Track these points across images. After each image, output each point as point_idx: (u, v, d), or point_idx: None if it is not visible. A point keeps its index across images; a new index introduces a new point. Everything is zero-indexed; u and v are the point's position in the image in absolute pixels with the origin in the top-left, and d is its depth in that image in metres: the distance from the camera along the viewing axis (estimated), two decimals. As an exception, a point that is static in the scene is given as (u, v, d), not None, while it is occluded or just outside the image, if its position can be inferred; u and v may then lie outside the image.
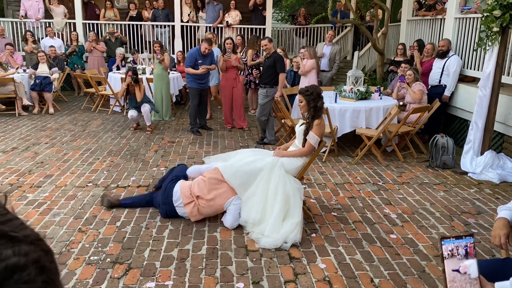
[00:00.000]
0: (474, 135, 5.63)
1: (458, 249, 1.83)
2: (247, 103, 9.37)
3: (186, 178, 4.23)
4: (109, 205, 4.21)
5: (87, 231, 3.77)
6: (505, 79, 5.83)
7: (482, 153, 5.60)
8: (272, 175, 3.86)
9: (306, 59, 8.08)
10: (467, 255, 1.84)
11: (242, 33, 11.59)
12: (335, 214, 4.27)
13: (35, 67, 8.95)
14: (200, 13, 12.08)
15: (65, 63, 10.45)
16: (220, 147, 6.67)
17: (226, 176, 3.87)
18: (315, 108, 3.92)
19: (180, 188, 3.97)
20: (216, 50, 8.29)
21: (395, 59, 8.54)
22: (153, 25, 11.85)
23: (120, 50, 10.43)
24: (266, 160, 3.95)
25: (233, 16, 11.62)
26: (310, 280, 3.10)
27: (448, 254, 1.83)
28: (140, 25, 11.88)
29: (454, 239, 1.85)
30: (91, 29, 11.53)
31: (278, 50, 8.45)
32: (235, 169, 3.90)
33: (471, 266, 1.82)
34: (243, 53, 8.74)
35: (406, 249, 3.59)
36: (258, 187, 3.84)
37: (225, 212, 3.94)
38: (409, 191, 4.97)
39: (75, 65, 10.76)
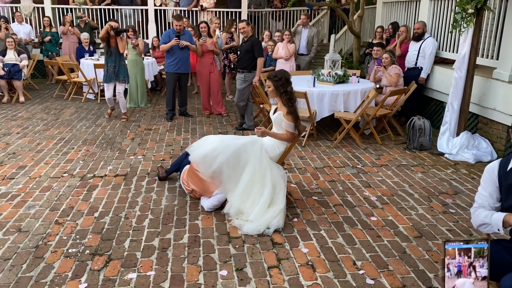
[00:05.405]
0: (450, 116, 5.71)
1: (449, 266, 1.74)
2: (225, 89, 9.26)
3: None
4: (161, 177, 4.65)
5: (64, 223, 3.67)
6: (480, 60, 5.91)
7: (458, 134, 5.70)
8: (259, 163, 3.82)
9: (289, 42, 8.03)
10: (459, 274, 1.76)
11: (217, 16, 11.41)
12: (316, 198, 4.29)
13: (3, 53, 8.59)
14: None
15: (32, 50, 10.06)
16: (199, 133, 6.58)
17: (208, 175, 3.91)
18: (286, 93, 3.85)
19: (181, 176, 4.28)
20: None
21: (373, 41, 8.54)
22: (118, 9, 11.48)
23: (85, 35, 10.07)
24: (250, 150, 3.88)
25: (208, 0, 11.41)
26: (293, 265, 3.10)
27: (448, 262, 1.74)
28: (113, 10, 11.51)
29: (460, 243, 1.75)
30: (64, 14, 11.09)
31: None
32: (217, 164, 3.84)
33: (464, 286, 1.76)
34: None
35: (386, 231, 3.63)
36: (244, 176, 3.80)
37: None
38: (388, 173, 5.02)
39: (50, 53, 10.36)
